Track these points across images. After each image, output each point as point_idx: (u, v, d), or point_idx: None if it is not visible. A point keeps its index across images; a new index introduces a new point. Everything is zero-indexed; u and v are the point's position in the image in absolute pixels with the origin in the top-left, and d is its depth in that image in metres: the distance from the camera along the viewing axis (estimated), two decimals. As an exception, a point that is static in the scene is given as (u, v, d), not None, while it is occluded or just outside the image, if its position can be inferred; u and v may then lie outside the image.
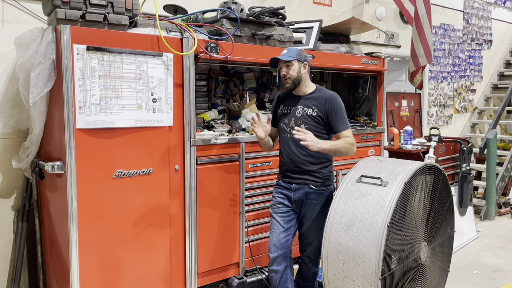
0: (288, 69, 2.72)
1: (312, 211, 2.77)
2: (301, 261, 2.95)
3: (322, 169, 2.77)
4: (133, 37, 2.59)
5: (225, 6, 3.23)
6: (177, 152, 2.81)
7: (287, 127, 2.78)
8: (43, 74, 2.41)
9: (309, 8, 4.80)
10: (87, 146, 2.46)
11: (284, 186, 2.81)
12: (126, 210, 2.63)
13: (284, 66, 2.73)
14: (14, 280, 2.91)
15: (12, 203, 3.00)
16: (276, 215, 2.80)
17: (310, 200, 2.76)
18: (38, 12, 2.92)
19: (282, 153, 2.82)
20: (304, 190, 2.75)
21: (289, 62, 2.71)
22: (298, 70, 2.72)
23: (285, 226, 2.77)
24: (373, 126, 4.03)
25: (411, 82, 5.03)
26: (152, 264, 2.76)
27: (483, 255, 4.37)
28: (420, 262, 2.66)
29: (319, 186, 2.76)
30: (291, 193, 2.78)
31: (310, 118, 2.72)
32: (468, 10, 6.95)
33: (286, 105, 2.84)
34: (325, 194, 2.80)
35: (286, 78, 2.73)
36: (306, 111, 2.74)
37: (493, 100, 7.61)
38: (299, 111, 2.76)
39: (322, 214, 2.75)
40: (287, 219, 2.79)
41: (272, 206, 2.85)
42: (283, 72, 2.73)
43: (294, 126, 2.70)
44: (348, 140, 2.69)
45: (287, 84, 2.74)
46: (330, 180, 2.83)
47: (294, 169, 2.75)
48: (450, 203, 2.95)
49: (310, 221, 2.79)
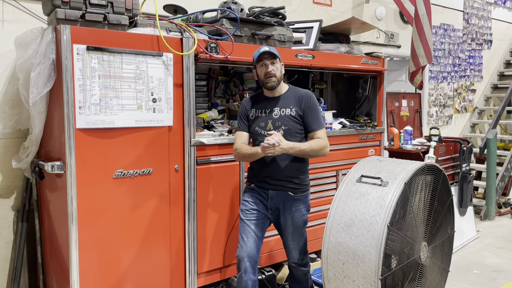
0: (274, 66, 2.60)
1: (293, 219, 2.66)
2: (290, 265, 2.85)
3: (300, 174, 2.68)
4: (133, 37, 2.59)
5: (225, 6, 3.23)
6: (177, 152, 2.81)
7: (263, 131, 2.64)
8: (43, 74, 2.41)
9: (309, 8, 4.80)
10: (87, 146, 2.46)
11: (258, 191, 2.68)
12: (126, 210, 2.63)
13: (270, 62, 2.60)
14: (14, 280, 2.91)
15: (12, 203, 3.00)
16: (250, 222, 2.64)
17: (289, 208, 2.65)
18: (38, 12, 2.92)
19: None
20: (281, 197, 2.64)
21: (275, 58, 2.61)
22: (280, 69, 2.65)
23: (259, 234, 2.66)
24: (373, 126, 4.03)
25: (411, 82, 5.03)
26: (152, 264, 2.76)
27: (483, 255, 4.37)
28: (420, 262, 2.66)
29: (297, 192, 2.66)
30: (266, 200, 2.66)
31: (290, 118, 2.63)
32: (468, 10, 6.95)
33: (259, 108, 2.70)
34: (304, 200, 2.70)
35: (271, 76, 2.59)
36: (284, 111, 2.64)
37: (493, 100, 7.61)
38: (275, 113, 2.64)
39: (303, 222, 2.71)
40: (261, 227, 2.67)
41: (244, 211, 2.68)
42: (269, 68, 2.59)
43: (273, 128, 2.61)
44: (320, 142, 2.59)
45: (271, 82, 2.61)
46: (308, 186, 2.74)
47: (272, 174, 2.63)
48: (450, 203, 2.95)
49: (291, 229, 2.69)
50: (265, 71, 2.61)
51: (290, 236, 2.72)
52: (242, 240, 2.65)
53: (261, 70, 2.63)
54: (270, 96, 2.70)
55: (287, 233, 2.72)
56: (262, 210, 2.68)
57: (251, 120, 2.71)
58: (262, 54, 2.60)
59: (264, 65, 2.62)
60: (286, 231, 2.71)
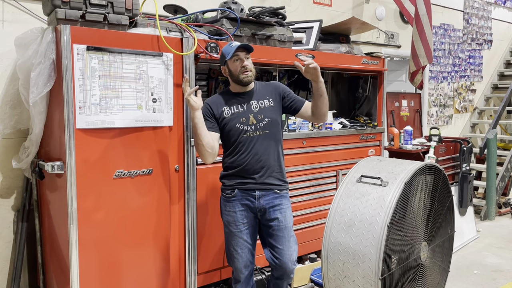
0: (248, 61, 2.54)
1: (285, 218, 2.57)
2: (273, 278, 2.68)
3: (282, 169, 2.62)
4: (133, 37, 2.59)
5: (225, 6, 3.23)
6: (177, 152, 2.81)
7: (246, 126, 2.53)
8: (43, 74, 2.41)
9: (309, 8, 4.80)
10: (87, 146, 2.46)
11: (243, 196, 2.55)
12: (126, 210, 2.63)
13: (245, 57, 2.53)
14: (14, 280, 2.90)
15: (12, 203, 3.00)
16: (241, 233, 2.55)
17: (278, 206, 2.56)
18: (38, 12, 2.92)
19: (241, 156, 2.53)
20: (269, 196, 2.55)
21: (249, 53, 2.56)
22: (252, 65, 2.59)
23: (252, 242, 2.59)
24: (373, 126, 4.03)
25: (412, 82, 5.03)
26: (152, 264, 2.75)
27: (483, 255, 4.37)
28: (420, 262, 2.66)
29: (282, 189, 2.60)
30: (253, 201, 2.54)
31: (270, 108, 2.59)
32: (468, 10, 6.95)
33: (232, 105, 2.58)
34: (287, 196, 2.63)
35: (247, 70, 2.52)
36: (263, 103, 2.59)
37: (493, 100, 7.61)
38: (254, 106, 2.57)
39: (291, 219, 2.63)
40: (252, 233, 2.59)
41: (233, 224, 2.55)
42: (246, 63, 2.51)
43: (255, 122, 2.53)
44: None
45: (248, 77, 2.53)
46: (288, 183, 2.68)
47: (259, 172, 2.52)
48: (450, 203, 2.95)
49: (285, 231, 2.56)
50: (241, 66, 2.52)
51: (283, 239, 2.56)
52: (236, 253, 2.57)
53: (235, 65, 2.53)
54: (242, 92, 2.61)
55: (282, 238, 2.56)
56: (251, 216, 2.58)
57: (226, 119, 2.56)
58: (238, 49, 2.50)
59: (239, 60, 2.52)
60: (280, 235, 2.56)
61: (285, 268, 2.58)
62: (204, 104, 2.59)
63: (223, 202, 2.63)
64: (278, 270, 2.61)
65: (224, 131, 2.57)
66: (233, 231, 2.57)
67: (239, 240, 2.56)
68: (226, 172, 2.61)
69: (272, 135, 2.58)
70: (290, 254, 2.58)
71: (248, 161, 2.53)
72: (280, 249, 2.57)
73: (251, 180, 2.54)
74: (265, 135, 2.56)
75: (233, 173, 2.57)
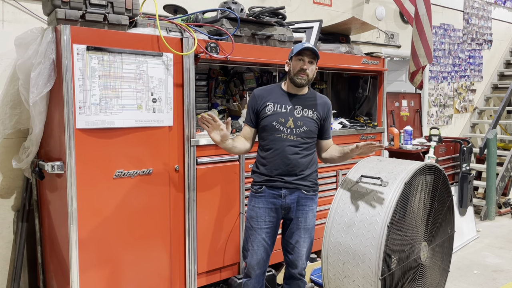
0: (310, 65, 2.53)
1: (306, 219, 2.59)
2: (290, 277, 2.68)
3: (313, 173, 2.62)
4: (133, 37, 2.59)
5: (225, 6, 3.23)
6: (177, 152, 2.81)
7: (282, 127, 2.54)
8: (43, 74, 2.41)
9: (309, 8, 4.80)
10: (87, 146, 2.46)
11: (271, 192, 2.56)
12: (126, 210, 2.63)
13: (308, 60, 2.52)
14: (14, 280, 2.91)
15: (12, 203, 3.00)
16: (261, 230, 2.56)
17: (302, 207, 2.57)
18: (38, 12, 2.92)
19: (271, 154, 2.55)
20: (295, 195, 2.56)
21: (315, 59, 2.55)
22: (314, 72, 2.58)
23: (270, 242, 2.60)
24: (373, 126, 4.03)
25: (411, 82, 5.03)
26: (152, 264, 2.76)
27: (483, 255, 4.37)
28: (420, 262, 2.66)
29: (309, 191, 2.60)
30: (280, 200, 2.56)
31: (311, 120, 2.58)
32: (468, 10, 6.95)
33: (277, 102, 2.58)
34: (315, 200, 2.64)
35: (304, 73, 2.51)
36: (307, 112, 2.58)
37: (493, 100, 7.61)
38: (298, 111, 2.57)
39: (314, 223, 2.65)
40: (272, 234, 2.60)
41: (255, 219, 2.58)
42: (305, 66, 2.51)
43: (293, 126, 2.53)
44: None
45: (301, 80, 2.53)
46: (318, 186, 2.68)
47: (287, 172, 2.53)
48: (450, 203, 2.95)
49: (303, 232, 2.59)
50: (301, 67, 2.52)
51: (300, 240, 2.59)
52: (252, 248, 2.58)
53: (297, 64, 2.53)
54: (292, 93, 2.61)
55: (296, 236, 2.60)
56: (274, 214, 2.58)
57: (266, 115, 2.57)
58: (305, 49, 2.51)
59: (302, 60, 2.53)
60: (296, 234, 2.59)
61: (296, 265, 2.63)
62: (252, 94, 2.67)
63: (251, 197, 2.66)
64: (289, 266, 2.68)
65: (261, 125, 2.61)
66: (254, 226, 2.59)
67: (257, 236, 2.57)
68: (256, 168, 2.64)
69: (304, 144, 2.57)
70: (300, 252, 2.61)
71: (276, 161, 2.54)
72: (292, 246, 2.62)
73: (279, 178, 2.55)
74: (298, 141, 2.55)
75: (262, 170, 2.59)
